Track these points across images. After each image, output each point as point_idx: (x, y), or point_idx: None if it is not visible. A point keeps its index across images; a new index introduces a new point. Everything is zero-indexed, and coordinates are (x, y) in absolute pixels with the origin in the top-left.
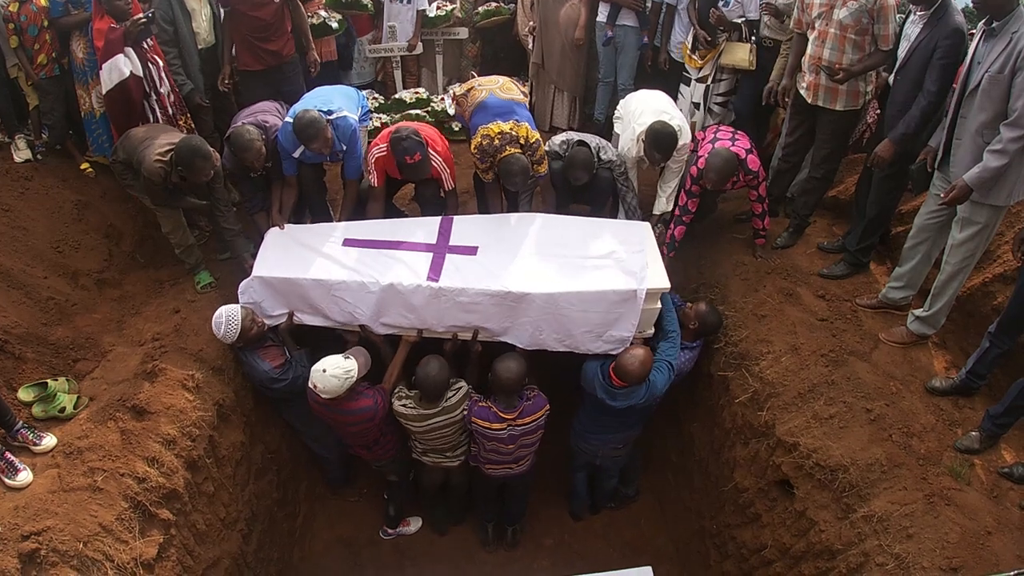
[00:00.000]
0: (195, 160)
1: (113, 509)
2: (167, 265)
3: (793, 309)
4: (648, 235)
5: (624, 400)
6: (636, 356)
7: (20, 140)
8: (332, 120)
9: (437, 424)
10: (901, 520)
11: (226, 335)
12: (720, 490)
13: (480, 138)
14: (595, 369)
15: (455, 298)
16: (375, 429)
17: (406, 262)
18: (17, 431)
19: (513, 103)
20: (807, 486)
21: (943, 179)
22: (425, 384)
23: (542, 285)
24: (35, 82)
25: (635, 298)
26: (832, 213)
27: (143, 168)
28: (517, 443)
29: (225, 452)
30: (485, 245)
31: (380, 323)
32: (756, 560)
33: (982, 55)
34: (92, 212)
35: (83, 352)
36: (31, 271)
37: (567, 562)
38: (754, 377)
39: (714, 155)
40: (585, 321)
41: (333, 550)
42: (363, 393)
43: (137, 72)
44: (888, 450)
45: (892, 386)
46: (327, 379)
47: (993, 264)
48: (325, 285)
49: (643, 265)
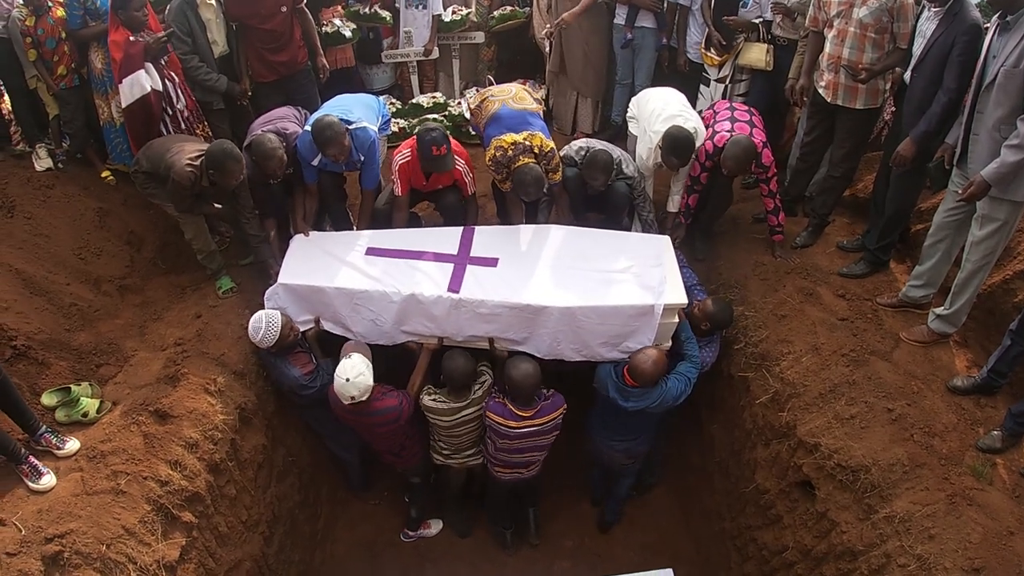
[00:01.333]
0: (227, 163)
1: (136, 512)
2: (188, 271)
3: (813, 309)
4: (667, 250)
5: (636, 401)
6: (649, 356)
7: (41, 149)
8: (351, 130)
9: (466, 417)
10: (923, 521)
11: (264, 339)
12: (741, 491)
13: (494, 150)
14: (608, 369)
15: (475, 309)
16: (401, 431)
17: (427, 273)
18: (41, 435)
19: (526, 113)
20: (828, 487)
21: (961, 176)
22: (453, 375)
23: (561, 298)
24: (55, 92)
25: (652, 313)
26: (851, 212)
27: (173, 173)
28: (530, 442)
29: (247, 455)
30: (505, 257)
31: (401, 331)
32: (777, 562)
33: (997, 49)
34: (113, 219)
35: (106, 357)
36: (53, 278)
37: (588, 564)
38: (774, 377)
39: (734, 143)
40: (602, 333)
41: (354, 552)
42: (387, 393)
43: (157, 87)
44: (910, 450)
45: (913, 385)
46: (356, 383)
47: (1014, 261)
48: (348, 293)
49: (661, 280)
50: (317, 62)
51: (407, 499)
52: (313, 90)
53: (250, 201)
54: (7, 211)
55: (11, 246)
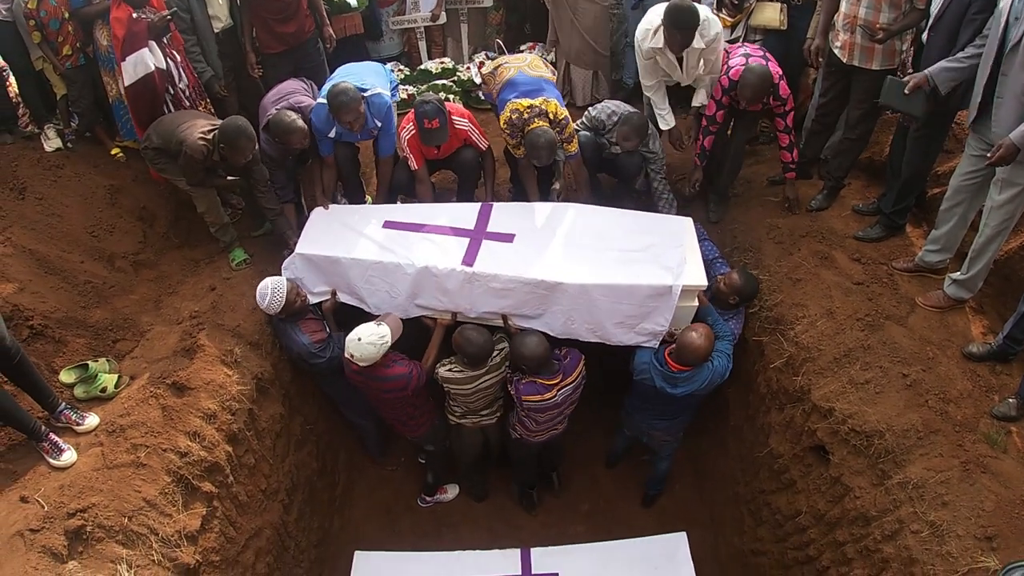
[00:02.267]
0: (239, 140)
1: (156, 484)
2: (202, 244)
3: (828, 273)
4: (689, 231)
5: (686, 386)
6: (698, 330)
7: (50, 130)
8: (367, 97)
9: (484, 383)
10: (936, 487)
11: (270, 306)
12: (755, 456)
13: (509, 112)
14: (649, 356)
15: (488, 284)
16: (407, 401)
17: (443, 246)
18: (60, 412)
19: (542, 80)
20: (842, 452)
21: (979, 139)
22: (467, 351)
23: (576, 275)
24: (62, 72)
25: (670, 293)
26: (867, 175)
27: (186, 147)
28: (568, 402)
29: (265, 425)
30: (522, 233)
31: (415, 304)
32: (791, 526)
33: (1019, 10)
34: (125, 196)
35: (122, 333)
36: (67, 256)
37: (603, 527)
38: (789, 342)
39: (750, 71)
40: (618, 313)
41: (372, 517)
42: (398, 361)
43: (161, 66)
44: (924, 416)
45: (928, 351)
46: (363, 347)
47: None
48: (363, 265)
49: (680, 261)
50: (324, 32)
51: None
52: (321, 59)
53: (264, 175)
54: (18, 193)
55: (24, 227)
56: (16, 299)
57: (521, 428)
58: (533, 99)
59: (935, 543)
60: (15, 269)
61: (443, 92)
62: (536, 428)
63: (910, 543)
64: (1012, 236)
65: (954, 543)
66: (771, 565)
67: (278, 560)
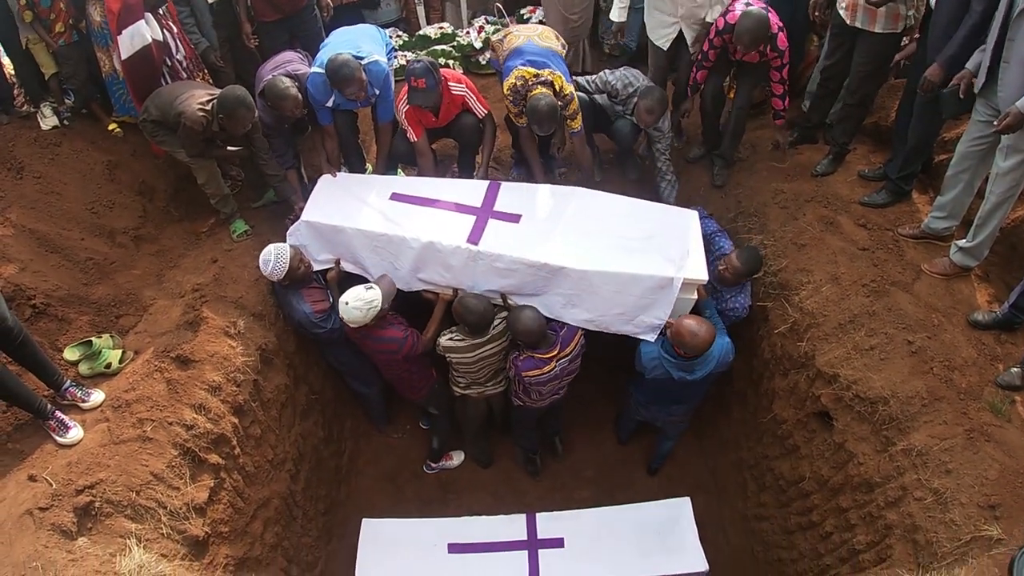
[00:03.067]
0: (238, 110)
1: (163, 457)
2: (202, 216)
3: (833, 238)
4: (694, 225)
5: (702, 368)
6: (695, 321)
7: (46, 108)
8: (365, 65)
9: (487, 352)
10: (940, 455)
11: (273, 272)
12: (758, 421)
13: (514, 79)
14: (657, 351)
15: (492, 263)
16: (398, 365)
17: (449, 222)
18: (66, 390)
19: (550, 52)
20: (846, 418)
21: (987, 105)
22: (468, 319)
23: (579, 261)
24: (55, 50)
25: (671, 286)
26: (873, 140)
27: (185, 118)
28: (565, 372)
29: (270, 395)
30: (529, 214)
31: (417, 278)
32: (794, 492)
33: None
34: (123, 171)
35: (125, 308)
36: (67, 234)
37: (607, 493)
38: (794, 307)
39: (747, 15)
40: (618, 303)
41: (378, 486)
42: (395, 325)
43: (158, 37)
44: (929, 383)
45: (934, 318)
46: (350, 311)
47: None
48: (368, 235)
49: (684, 254)
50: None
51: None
52: (318, 27)
53: (265, 143)
54: (16, 173)
55: (23, 207)
56: (18, 279)
57: (524, 396)
58: (540, 69)
59: (938, 511)
60: (15, 249)
61: (442, 58)
62: (538, 398)
63: (913, 510)
64: (1019, 204)
65: (957, 511)
66: (774, 530)
67: (286, 529)
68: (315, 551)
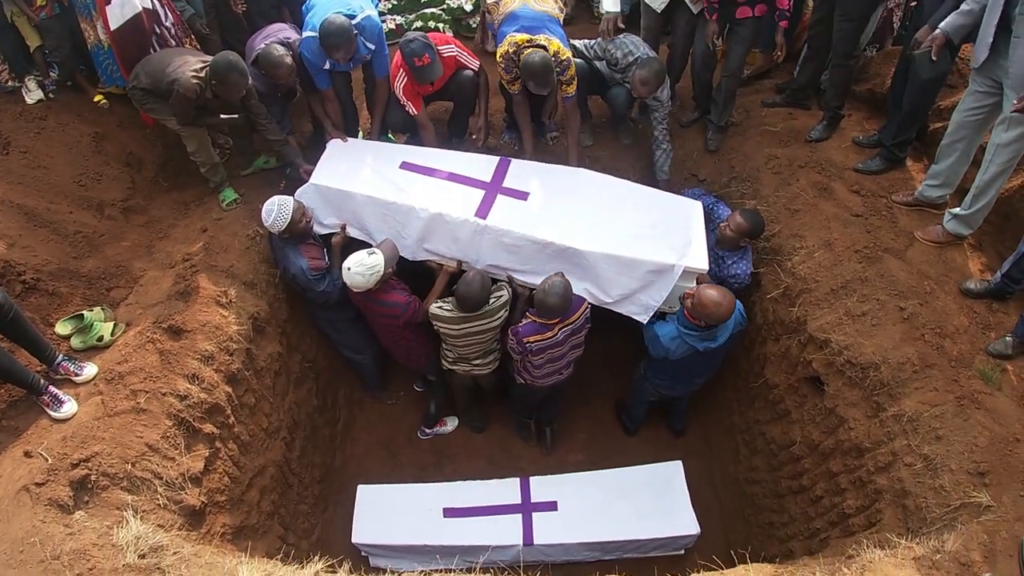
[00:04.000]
0: (231, 75)
1: (158, 428)
2: (191, 186)
3: (827, 204)
4: (697, 215)
5: (724, 333)
6: (718, 291)
7: (31, 81)
8: (358, 23)
9: (474, 329)
10: (931, 421)
11: (275, 223)
12: (750, 386)
13: (507, 46)
14: (674, 329)
15: (499, 238)
16: (397, 331)
17: (458, 195)
18: (58, 364)
19: (546, 16)
20: (837, 383)
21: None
22: (464, 295)
23: (585, 242)
24: (37, 23)
25: (671, 272)
26: (868, 107)
27: (178, 85)
28: (569, 344)
29: (263, 364)
30: (537, 192)
31: (423, 248)
32: (785, 456)
33: None
34: (110, 142)
35: (116, 280)
36: (56, 208)
37: (600, 456)
38: (786, 272)
39: None
40: (619, 284)
41: (373, 452)
42: (399, 289)
43: (147, 5)
44: (920, 349)
45: (926, 285)
46: (352, 276)
47: None
48: (377, 203)
49: (687, 242)
50: None
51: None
52: None
53: (263, 109)
54: (2, 148)
55: (10, 182)
56: (7, 255)
57: (526, 374)
58: (534, 35)
59: (928, 476)
60: (4, 225)
61: (432, 21)
62: (539, 373)
63: (903, 475)
64: (1013, 175)
65: (947, 477)
66: (765, 493)
67: (283, 497)
68: (311, 518)
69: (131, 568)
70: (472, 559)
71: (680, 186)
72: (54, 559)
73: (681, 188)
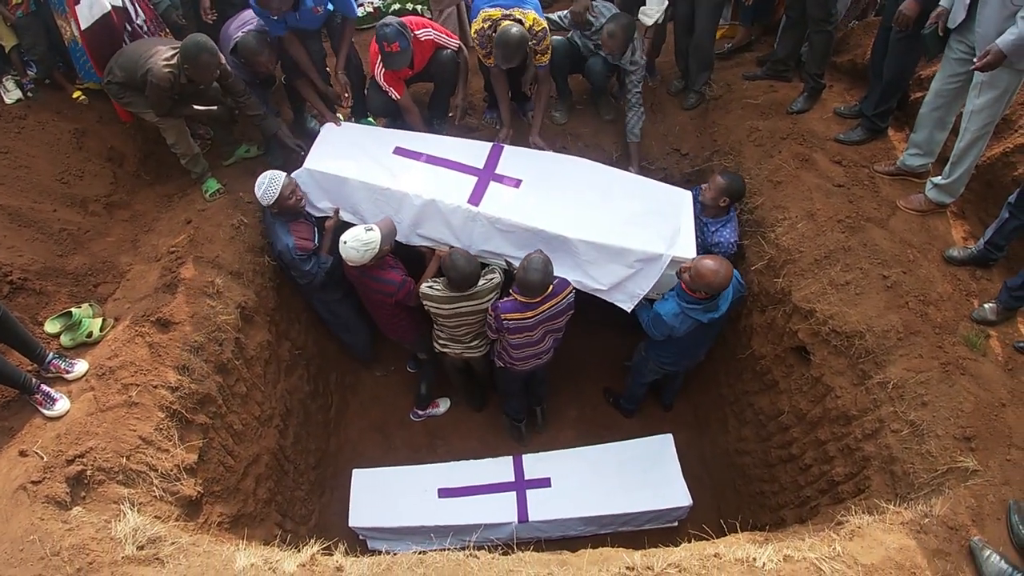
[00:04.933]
0: (201, 56)
1: (151, 421)
2: (173, 179)
3: (809, 175)
4: (686, 204)
5: (725, 302)
6: (716, 261)
7: (8, 81)
8: None
9: (463, 309)
10: (916, 388)
11: (264, 196)
12: (737, 358)
13: (481, 22)
14: (674, 306)
15: (492, 225)
16: (390, 309)
17: (451, 181)
18: (49, 362)
19: None
20: (823, 352)
21: (961, 43)
22: (453, 275)
23: (575, 231)
24: (13, 22)
25: (659, 261)
26: (849, 78)
27: (152, 76)
28: (546, 327)
29: (253, 352)
30: (529, 180)
31: (416, 233)
32: (773, 426)
33: None
34: (91, 138)
35: (102, 276)
36: (39, 207)
37: (591, 432)
38: (770, 244)
39: None
40: (609, 272)
41: (367, 436)
42: (395, 268)
43: (117, 3)
44: (904, 317)
45: (909, 254)
46: (347, 250)
47: (1014, 134)
48: (371, 188)
49: (676, 232)
50: None
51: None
52: None
53: (240, 83)
54: None
55: None
56: None
57: (506, 356)
58: (508, 9)
59: (915, 442)
60: None
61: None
62: (518, 355)
63: (890, 442)
64: (995, 142)
65: (933, 443)
66: (755, 464)
67: (278, 484)
68: (308, 504)
69: (131, 560)
70: (468, 538)
71: (662, 160)
72: (54, 555)
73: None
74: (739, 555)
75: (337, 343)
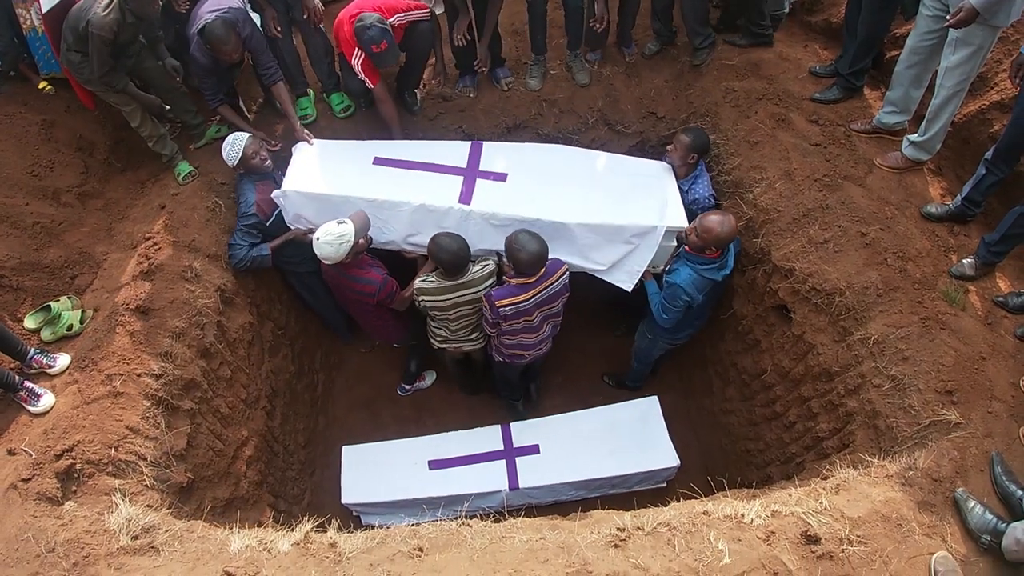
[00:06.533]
0: None
1: (137, 410)
2: (145, 164)
3: (786, 135)
4: (668, 175)
5: (731, 256)
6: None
7: None
8: None
9: (461, 298)
10: (897, 343)
11: (228, 156)
12: (719, 319)
13: None
14: (686, 272)
15: (487, 222)
16: (370, 310)
17: (438, 184)
18: (31, 359)
19: None
20: (804, 310)
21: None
22: (444, 257)
23: (570, 215)
24: None
25: (654, 233)
26: (824, 37)
27: (93, 27)
28: (543, 312)
29: (235, 335)
30: (515, 172)
31: (408, 241)
32: (757, 385)
33: None
34: (60, 129)
35: (79, 267)
36: (10, 201)
37: (578, 398)
38: (748, 204)
39: None
40: (608, 251)
41: (355, 412)
42: (375, 267)
43: None
44: (883, 274)
45: (887, 211)
46: (321, 246)
47: (990, 91)
48: (356, 203)
49: (664, 203)
50: None
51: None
52: None
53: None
54: None
55: None
56: None
57: (506, 351)
58: None
59: (897, 397)
60: None
61: None
62: (515, 345)
63: (872, 397)
64: (971, 99)
65: (915, 397)
66: (740, 423)
67: (269, 466)
68: (300, 484)
69: (126, 551)
70: (460, 508)
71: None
72: (49, 552)
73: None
74: (728, 512)
75: (319, 322)
